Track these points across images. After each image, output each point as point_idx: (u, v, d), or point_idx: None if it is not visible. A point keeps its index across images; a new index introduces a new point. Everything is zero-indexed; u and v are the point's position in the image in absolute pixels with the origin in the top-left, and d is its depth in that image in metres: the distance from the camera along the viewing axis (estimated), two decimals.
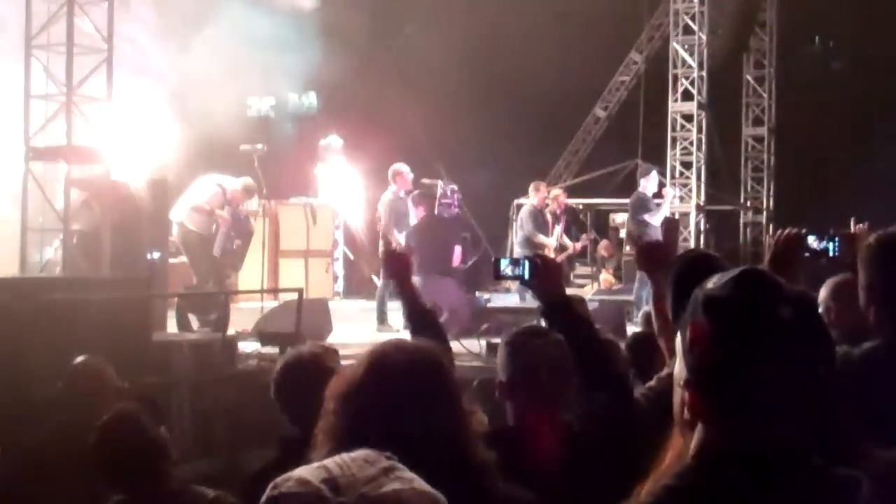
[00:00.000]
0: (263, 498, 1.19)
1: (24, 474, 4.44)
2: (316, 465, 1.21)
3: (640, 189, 14.25)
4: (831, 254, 3.93)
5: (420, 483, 1.21)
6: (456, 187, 13.68)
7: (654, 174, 14.64)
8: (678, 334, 1.86)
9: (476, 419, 4.41)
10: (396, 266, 4.30)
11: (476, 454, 2.65)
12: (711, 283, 1.80)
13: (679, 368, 1.85)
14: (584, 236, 16.66)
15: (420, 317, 4.07)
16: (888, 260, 3.36)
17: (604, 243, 17.15)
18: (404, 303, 4.21)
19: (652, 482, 1.91)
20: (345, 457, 1.24)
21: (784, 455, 1.72)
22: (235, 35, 15.09)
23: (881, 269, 3.37)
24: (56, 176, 10.79)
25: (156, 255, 11.56)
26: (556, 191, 15.56)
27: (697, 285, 1.84)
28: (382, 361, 2.56)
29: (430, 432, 2.44)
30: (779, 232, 3.82)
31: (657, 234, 13.82)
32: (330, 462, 1.22)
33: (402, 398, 2.48)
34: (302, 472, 1.20)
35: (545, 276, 3.53)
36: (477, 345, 10.89)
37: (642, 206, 14.11)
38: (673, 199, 15.83)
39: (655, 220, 13.97)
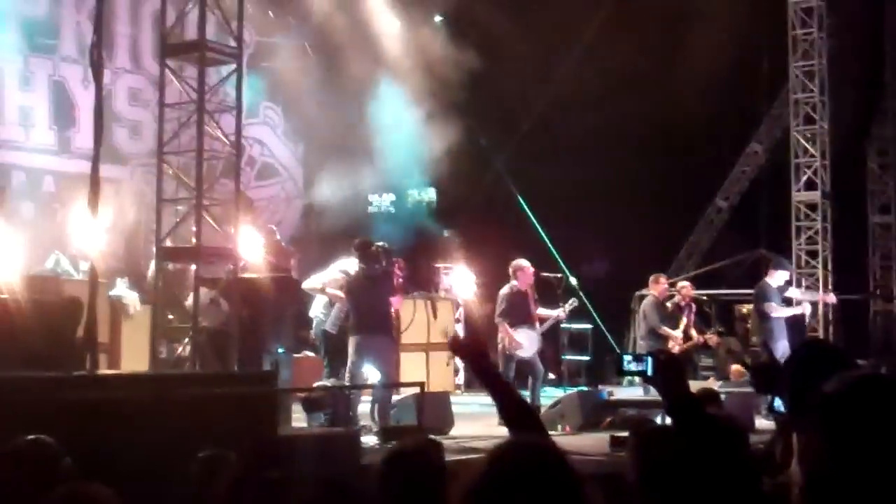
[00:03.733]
0: None
1: None
2: None
3: (766, 279, 14.16)
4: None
5: None
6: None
7: (784, 270, 14.63)
8: (794, 434, 1.78)
9: None
10: (463, 353, 3.92)
11: None
12: (830, 384, 1.71)
13: (795, 470, 1.78)
14: (711, 335, 16.48)
15: (516, 412, 3.64)
16: None
17: (709, 335, 16.79)
18: (492, 394, 3.68)
19: None
20: None
21: None
22: (356, 135, 15.42)
23: None
24: (185, 276, 11.03)
25: (281, 350, 11.73)
26: (683, 283, 15.47)
27: (816, 378, 1.78)
28: (501, 464, 2.42)
29: None
30: None
31: (780, 326, 13.84)
32: None
33: (524, 500, 2.36)
34: None
35: (668, 373, 3.45)
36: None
37: (763, 296, 14.04)
38: (801, 299, 15.60)
39: (780, 312, 13.94)
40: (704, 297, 17.24)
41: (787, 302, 14.53)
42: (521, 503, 2.32)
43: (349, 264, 11.96)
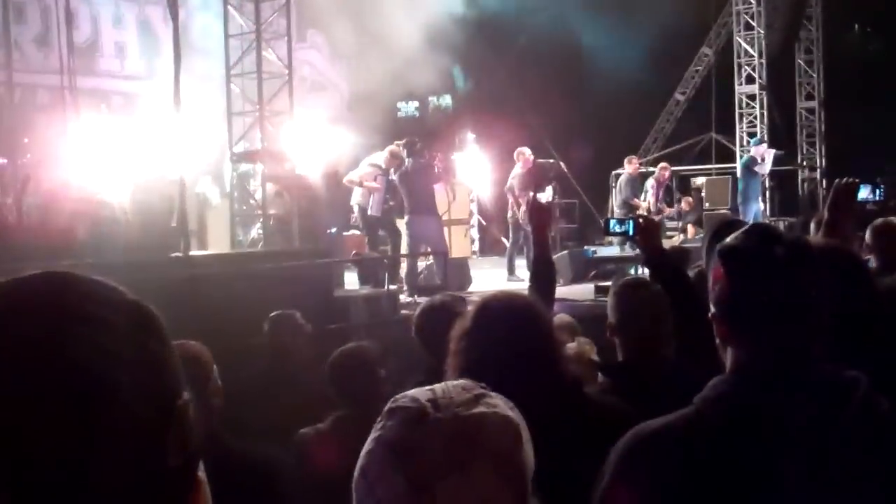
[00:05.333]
0: (386, 407, 1.23)
1: (242, 402, 4.54)
2: (427, 388, 1.24)
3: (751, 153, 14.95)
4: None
5: (503, 408, 1.23)
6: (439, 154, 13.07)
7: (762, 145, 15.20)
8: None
9: (583, 349, 4.37)
10: (540, 216, 4.04)
11: (565, 375, 2.65)
12: (728, 238, 1.82)
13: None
14: (685, 199, 16.72)
15: (543, 266, 3.88)
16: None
17: (686, 199, 16.91)
18: (536, 248, 3.99)
19: None
20: (448, 384, 1.27)
21: (790, 363, 1.69)
22: (388, 53, 15.17)
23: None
24: (254, 174, 11.01)
25: (332, 230, 11.71)
26: (663, 163, 15.62)
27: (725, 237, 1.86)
28: (483, 309, 2.61)
29: (524, 361, 2.45)
30: (836, 181, 3.66)
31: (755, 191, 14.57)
32: (437, 386, 1.26)
33: (499, 335, 2.51)
34: (414, 392, 1.25)
35: (646, 233, 3.42)
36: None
37: (753, 161, 14.64)
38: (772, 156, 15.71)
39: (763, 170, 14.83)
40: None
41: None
42: (495, 337, 2.50)
43: (376, 158, 11.87)
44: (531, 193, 12.44)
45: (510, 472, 1.19)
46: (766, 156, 14.90)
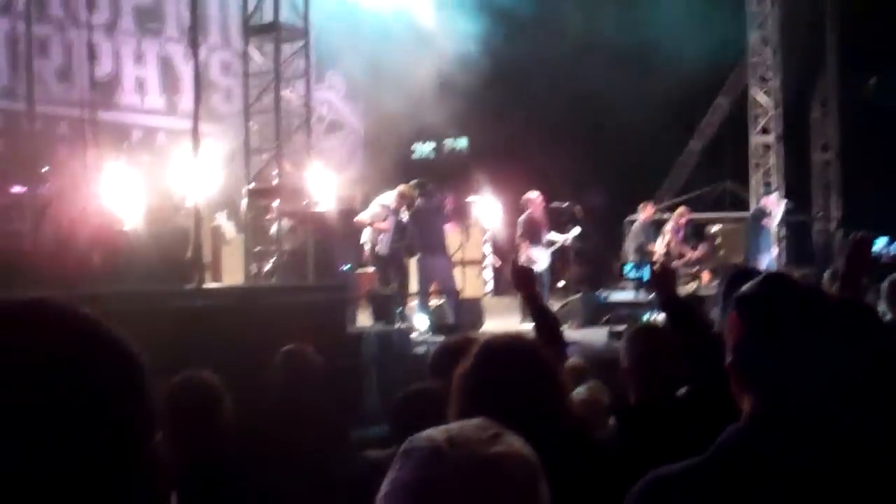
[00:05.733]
0: (400, 448, 1.22)
1: (257, 431, 4.52)
2: (442, 427, 1.23)
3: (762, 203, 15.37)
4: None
5: (519, 446, 1.22)
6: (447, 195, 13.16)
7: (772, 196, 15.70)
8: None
9: (595, 393, 4.35)
10: (518, 279, 4.03)
11: (569, 419, 2.64)
12: (744, 286, 1.82)
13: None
14: (700, 246, 16.68)
15: (538, 319, 3.81)
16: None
17: (701, 247, 16.87)
18: (528, 305, 3.96)
19: None
20: (464, 423, 1.26)
21: (806, 414, 1.68)
22: (404, 95, 15.28)
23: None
24: (270, 209, 11.05)
25: (346, 266, 11.72)
26: (682, 209, 15.60)
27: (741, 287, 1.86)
28: (485, 350, 2.59)
29: (526, 403, 2.41)
30: (851, 235, 3.66)
31: (767, 241, 14.88)
32: (453, 425, 1.25)
33: (500, 376, 2.50)
34: (430, 431, 1.23)
35: (662, 280, 3.43)
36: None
37: (762, 213, 15.03)
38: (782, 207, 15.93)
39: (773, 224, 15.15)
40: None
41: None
42: (497, 378, 2.48)
43: (386, 198, 11.94)
44: (522, 248, 12.54)
45: None
46: (776, 207, 14.94)
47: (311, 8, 10.88)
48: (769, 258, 14.53)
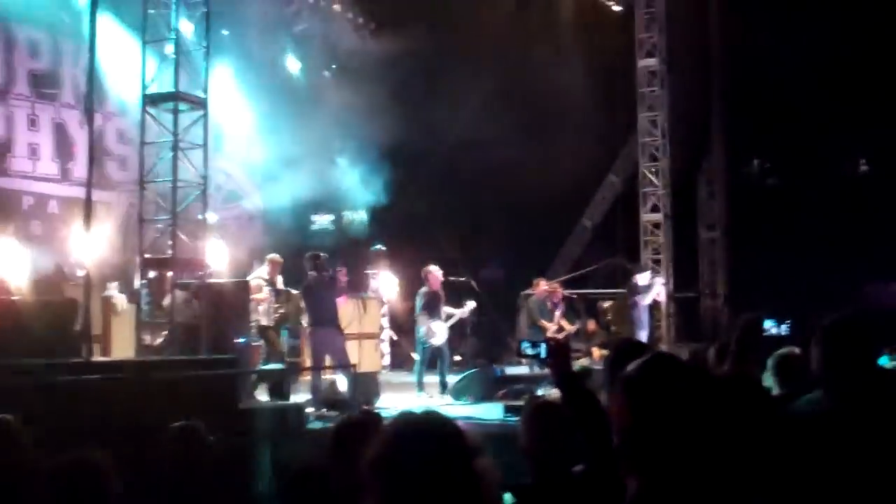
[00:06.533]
0: None
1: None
2: None
3: (635, 279, 15.60)
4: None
5: None
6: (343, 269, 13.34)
7: (646, 272, 16.08)
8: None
9: (491, 473, 4.34)
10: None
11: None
12: (630, 367, 1.82)
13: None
14: (583, 321, 16.87)
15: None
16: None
17: (590, 323, 17.17)
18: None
19: None
20: None
21: (689, 496, 1.71)
22: (303, 168, 15.30)
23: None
24: (164, 280, 10.85)
25: (241, 340, 11.51)
26: (555, 285, 15.79)
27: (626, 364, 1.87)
28: (395, 435, 2.24)
29: (443, 488, 2.14)
30: (741, 316, 3.78)
31: (644, 316, 15.28)
32: None
33: (413, 463, 2.17)
34: None
35: (558, 357, 3.47)
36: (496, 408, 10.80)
37: (634, 290, 15.39)
38: (660, 285, 16.41)
39: (646, 301, 15.43)
40: (574, 295, 17.43)
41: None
42: (411, 468, 2.15)
43: (261, 272, 12.16)
44: (421, 321, 12.61)
45: None
46: (648, 283, 15.43)
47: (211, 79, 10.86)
48: (645, 333, 14.94)
